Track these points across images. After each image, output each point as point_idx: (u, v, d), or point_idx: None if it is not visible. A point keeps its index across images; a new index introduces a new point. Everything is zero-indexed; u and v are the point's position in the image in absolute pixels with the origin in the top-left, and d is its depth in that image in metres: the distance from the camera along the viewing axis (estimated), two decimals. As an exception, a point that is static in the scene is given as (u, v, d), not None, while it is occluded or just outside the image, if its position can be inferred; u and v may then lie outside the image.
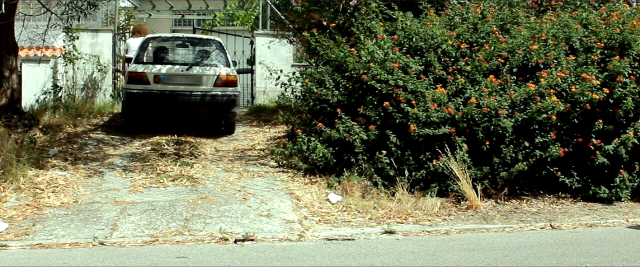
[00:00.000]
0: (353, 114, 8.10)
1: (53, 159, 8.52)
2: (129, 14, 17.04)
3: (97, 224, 6.28)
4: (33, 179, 7.59)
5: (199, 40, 11.58)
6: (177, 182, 7.78)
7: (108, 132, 10.54)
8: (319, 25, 10.07)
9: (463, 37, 8.51)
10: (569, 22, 8.56)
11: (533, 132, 7.56)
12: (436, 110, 7.58)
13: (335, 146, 8.05)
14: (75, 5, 10.53)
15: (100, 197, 7.20)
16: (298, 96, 9.40)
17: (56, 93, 12.45)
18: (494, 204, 7.32)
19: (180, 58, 11.02)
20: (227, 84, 10.21)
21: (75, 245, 5.60)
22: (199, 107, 10.24)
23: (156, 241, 5.78)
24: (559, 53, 8.07)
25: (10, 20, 9.71)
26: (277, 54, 14.50)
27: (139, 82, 10.05)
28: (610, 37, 8.17)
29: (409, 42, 8.53)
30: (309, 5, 11.40)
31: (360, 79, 8.17)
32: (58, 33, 13.58)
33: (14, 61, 10.23)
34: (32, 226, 6.21)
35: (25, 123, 9.79)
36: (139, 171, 8.26)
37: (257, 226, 6.27)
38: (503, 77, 7.99)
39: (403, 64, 8.11)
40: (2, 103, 9.83)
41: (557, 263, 4.36)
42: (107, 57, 14.45)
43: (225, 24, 20.66)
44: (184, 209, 6.75)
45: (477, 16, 8.82)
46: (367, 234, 6.06)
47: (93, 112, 12.07)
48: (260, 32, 15.36)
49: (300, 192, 7.49)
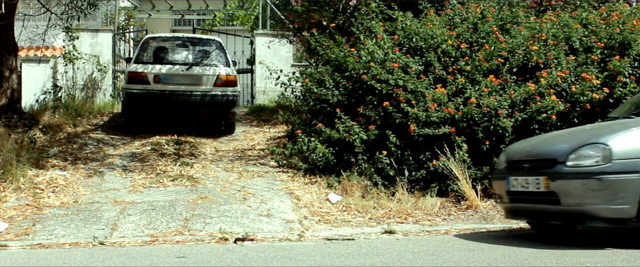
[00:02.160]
0: (353, 114, 8.10)
1: (53, 159, 8.52)
2: (129, 14, 17.05)
3: (97, 224, 6.28)
4: (33, 179, 7.59)
5: (199, 40, 11.58)
6: (177, 182, 7.78)
7: (108, 132, 10.53)
8: (319, 25, 10.06)
9: (463, 37, 8.51)
10: (569, 22, 8.56)
11: (533, 131, 7.56)
12: (436, 110, 7.58)
13: (335, 146, 8.05)
14: (75, 5, 10.53)
15: (100, 197, 7.20)
16: (298, 96, 9.40)
17: (56, 93, 12.46)
18: (494, 204, 7.31)
19: (180, 58, 11.01)
20: (227, 84, 10.20)
21: (75, 245, 5.60)
22: (199, 107, 10.24)
23: (156, 240, 5.77)
24: (559, 53, 8.07)
25: (10, 20, 9.72)
26: (277, 54, 14.50)
27: (139, 82, 10.05)
28: (610, 37, 8.17)
29: (409, 42, 8.53)
30: (309, 5, 11.39)
31: (360, 79, 8.17)
32: (58, 33, 13.59)
33: (14, 61, 10.23)
34: (32, 226, 6.21)
35: (25, 123, 9.80)
36: (139, 170, 8.26)
37: (257, 226, 6.27)
38: (503, 77, 7.99)
39: (403, 64, 8.11)
40: (2, 103, 9.83)
41: (557, 263, 4.36)
42: (107, 57, 14.45)
43: (225, 24, 20.66)
44: (184, 209, 6.75)
45: (477, 16, 8.82)
46: (367, 234, 6.06)
47: (93, 112, 12.06)
48: (260, 32, 15.36)
49: (300, 192, 7.49)
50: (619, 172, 4.82)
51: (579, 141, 5.19)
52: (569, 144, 5.24)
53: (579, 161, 5.00)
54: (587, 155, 4.97)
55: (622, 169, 4.83)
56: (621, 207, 4.83)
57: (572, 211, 5.06)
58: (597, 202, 4.89)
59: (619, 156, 4.85)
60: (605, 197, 4.86)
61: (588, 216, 4.97)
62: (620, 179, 4.82)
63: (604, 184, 4.83)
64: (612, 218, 4.89)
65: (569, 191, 5.02)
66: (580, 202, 4.96)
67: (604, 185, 4.83)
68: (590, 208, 4.91)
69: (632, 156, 4.86)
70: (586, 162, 4.96)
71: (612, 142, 4.93)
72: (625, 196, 4.81)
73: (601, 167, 4.87)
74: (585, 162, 4.97)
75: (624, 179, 4.81)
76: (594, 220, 4.97)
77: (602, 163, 4.88)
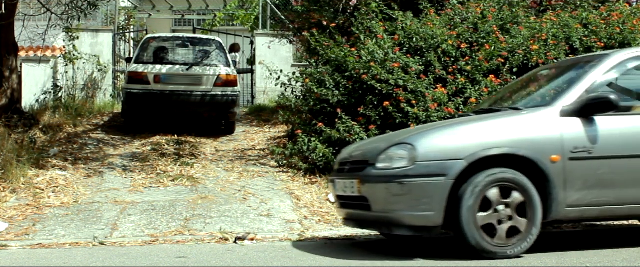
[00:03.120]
0: (353, 114, 8.09)
1: (53, 159, 8.52)
2: (129, 14, 17.06)
3: (97, 224, 6.28)
4: (33, 179, 7.59)
5: (199, 40, 11.59)
6: (177, 182, 7.78)
7: (108, 132, 10.54)
8: (319, 25, 10.06)
9: (463, 37, 8.51)
10: (569, 22, 8.57)
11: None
12: (436, 110, 7.58)
13: (336, 146, 8.04)
14: (75, 5, 10.53)
15: (100, 197, 7.20)
16: (298, 96, 9.40)
17: (56, 93, 12.46)
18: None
19: (181, 58, 11.02)
20: (227, 84, 10.21)
21: (76, 245, 5.60)
22: (199, 107, 10.25)
23: (156, 240, 5.78)
24: (559, 53, 8.07)
25: (10, 20, 9.72)
26: (277, 54, 14.50)
27: (139, 82, 10.05)
28: (611, 37, 8.18)
29: (409, 42, 8.53)
30: (309, 5, 11.39)
31: (360, 79, 8.17)
32: (58, 33, 13.59)
33: (14, 61, 10.23)
34: (32, 226, 6.21)
35: (26, 123, 9.80)
36: (139, 170, 8.26)
37: (257, 226, 6.27)
38: (503, 77, 7.99)
39: (403, 64, 8.11)
40: (2, 103, 9.83)
41: (557, 263, 4.36)
42: (107, 57, 14.45)
43: (225, 24, 20.67)
44: (184, 209, 6.75)
45: (477, 16, 8.82)
46: (367, 233, 6.06)
47: (93, 112, 12.07)
48: (260, 32, 15.36)
49: (300, 192, 7.49)
50: (422, 176, 4.38)
51: (393, 141, 4.76)
52: (385, 144, 4.78)
53: (387, 162, 4.57)
54: (395, 156, 4.54)
55: (426, 172, 4.38)
56: (426, 214, 4.40)
57: (382, 218, 4.65)
58: (402, 208, 4.46)
59: (425, 158, 4.42)
60: (409, 202, 4.42)
61: (395, 224, 4.56)
62: (425, 182, 4.37)
63: (406, 188, 4.40)
64: (418, 226, 4.47)
65: (376, 195, 4.61)
66: (387, 209, 4.55)
67: (406, 189, 4.40)
68: (396, 215, 4.50)
69: (438, 158, 4.43)
70: (393, 164, 4.52)
71: (418, 142, 4.51)
72: (429, 202, 4.37)
73: (404, 169, 4.43)
74: (392, 164, 4.53)
75: (428, 183, 4.37)
76: (400, 228, 4.54)
77: (407, 165, 4.43)
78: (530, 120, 4.71)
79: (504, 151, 4.48)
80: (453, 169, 4.38)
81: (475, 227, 4.37)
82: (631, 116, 4.86)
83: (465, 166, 4.40)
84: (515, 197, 4.47)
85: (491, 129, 4.66)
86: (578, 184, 4.57)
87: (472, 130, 4.68)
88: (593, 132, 4.64)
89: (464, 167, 4.39)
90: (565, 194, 4.54)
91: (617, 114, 4.74)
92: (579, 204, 4.60)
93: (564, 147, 4.56)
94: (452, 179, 4.38)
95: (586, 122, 4.66)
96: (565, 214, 4.60)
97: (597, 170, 4.61)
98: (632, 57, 5.02)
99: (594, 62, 5.06)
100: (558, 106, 4.71)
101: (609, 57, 5.01)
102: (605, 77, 4.87)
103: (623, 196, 4.69)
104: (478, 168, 4.43)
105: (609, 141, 4.66)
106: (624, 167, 4.69)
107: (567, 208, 4.57)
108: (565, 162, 4.53)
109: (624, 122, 4.79)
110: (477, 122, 4.84)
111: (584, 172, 4.59)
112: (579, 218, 4.78)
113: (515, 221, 4.47)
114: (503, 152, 4.48)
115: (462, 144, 4.49)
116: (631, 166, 4.70)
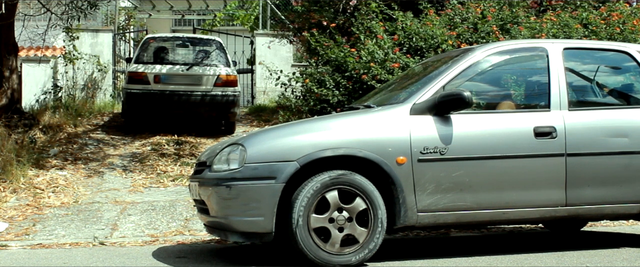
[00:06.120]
0: (353, 114, 8.09)
1: (53, 159, 8.53)
2: (129, 14, 17.07)
3: (97, 224, 6.28)
4: (33, 179, 7.59)
5: (199, 40, 11.60)
6: (177, 182, 7.79)
7: (108, 132, 10.54)
8: (319, 25, 10.06)
9: (463, 37, 8.50)
10: (569, 22, 8.56)
11: (533, 132, 7.54)
12: (436, 110, 7.57)
13: (336, 146, 8.03)
14: (75, 5, 10.53)
15: (100, 197, 7.20)
16: (298, 96, 9.40)
17: (56, 93, 12.47)
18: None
19: (181, 58, 11.03)
20: (227, 84, 10.21)
21: (76, 245, 5.60)
22: (199, 107, 10.25)
23: (156, 240, 5.78)
24: (559, 53, 8.06)
25: (10, 20, 9.72)
26: (277, 54, 14.51)
27: (139, 82, 10.06)
28: (611, 37, 8.18)
29: (409, 42, 8.53)
30: (309, 5, 11.39)
31: (360, 79, 8.16)
32: (58, 33, 13.60)
33: (14, 61, 10.24)
34: (32, 226, 6.21)
35: (26, 123, 9.80)
36: (139, 170, 8.26)
37: (257, 226, 6.26)
38: (503, 77, 7.98)
39: (403, 64, 8.11)
40: (2, 103, 9.83)
41: (557, 263, 4.37)
42: (107, 57, 14.46)
43: (225, 24, 20.68)
44: (184, 209, 6.75)
45: (477, 16, 8.82)
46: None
47: (93, 112, 12.08)
48: (260, 32, 15.37)
49: (300, 192, 7.47)
50: (250, 179, 4.06)
51: (230, 141, 4.47)
52: (222, 145, 4.50)
53: (220, 164, 4.26)
54: (227, 158, 4.23)
55: (253, 175, 4.06)
56: (255, 220, 4.06)
57: (217, 224, 4.35)
58: (232, 213, 4.14)
59: (253, 160, 4.09)
60: (238, 207, 4.09)
61: (228, 229, 4.26)
62: (253, 185, 4.05)
63: (233, 192, 4.08)
64: (248, 232, 4.15)
65: (209, 199, 4.30)
66: (220, 214, 4.23)
67: (234, 193, 4.08)
68: (228, 221, 4.18)
69: (267, 159, 4.09)
70: (225, 166, 4.22)
71: (249, 142, 4.20)
72: (258, 207, 4.04)
73: (232, 172, 4.12)
74: (225, 166, 4.22)
75: (256, 186, 4.05)
76: (234, 234, 4.25)
77: (237, 167, 4.12)
78: (377, 119, 4.37)
79: (341, 152, 4.14)
80: (283, 172, 4.05)
81: (306, 234, 4.05)
82: (491, 114, 4.58)
83: (297, 168, 4.07)
84: (357, 204, 4.13)
85: (330, 128, 4.29)
86: (430, 188, 4.23)
87: (308, 130, 4.31)
88: (446, 131, 4.30)
89: (295, 169, 4.07)
90: (416, 199, 4.21)
91: (476, 112, 4.50)
92: (432, 209, 4.25)
93: (412, 147, 4.22)
94: (283, 183, 4.05)
95: (440, 121, 4.33)
96: (417, 220, 4.24)
97: (451, 172, 4.26)
98: (496, 52, 4.73)
99: (457, 56, 4.75)
100: (409, 104, 4.38)
101: (472, 52, 4.70)
102: (467, 72, 4.55)
103: (483, 200, 4.34)
104: (314, 171, 4.12)
105: (464, 141, 4.32)
106: (483, 168, 4.35)
107: (420, 213, 4.23)
108: (414, 163, 4.21)
109: (483, 120, 4.48)
110: (317, 121, 4.53)
111: (435, 175, 4.24)
112: (434, 224, 4.36)
113: (353, 229, 4.12)
114: (340, 154, 4.14)
115: (295, 145, 4.14)
116: (491, 168, 4.36)
